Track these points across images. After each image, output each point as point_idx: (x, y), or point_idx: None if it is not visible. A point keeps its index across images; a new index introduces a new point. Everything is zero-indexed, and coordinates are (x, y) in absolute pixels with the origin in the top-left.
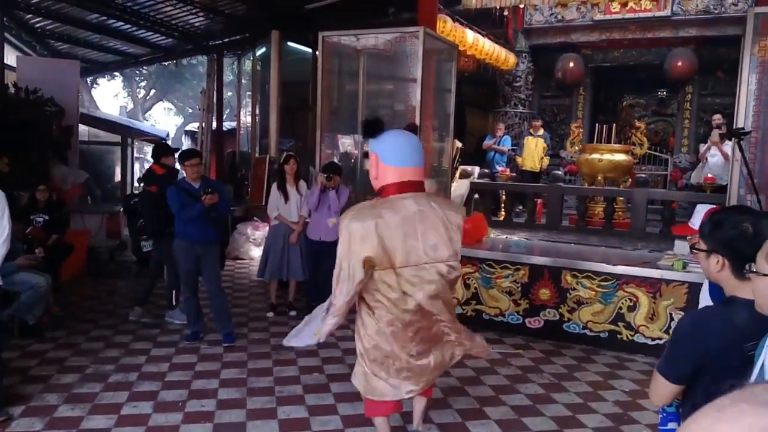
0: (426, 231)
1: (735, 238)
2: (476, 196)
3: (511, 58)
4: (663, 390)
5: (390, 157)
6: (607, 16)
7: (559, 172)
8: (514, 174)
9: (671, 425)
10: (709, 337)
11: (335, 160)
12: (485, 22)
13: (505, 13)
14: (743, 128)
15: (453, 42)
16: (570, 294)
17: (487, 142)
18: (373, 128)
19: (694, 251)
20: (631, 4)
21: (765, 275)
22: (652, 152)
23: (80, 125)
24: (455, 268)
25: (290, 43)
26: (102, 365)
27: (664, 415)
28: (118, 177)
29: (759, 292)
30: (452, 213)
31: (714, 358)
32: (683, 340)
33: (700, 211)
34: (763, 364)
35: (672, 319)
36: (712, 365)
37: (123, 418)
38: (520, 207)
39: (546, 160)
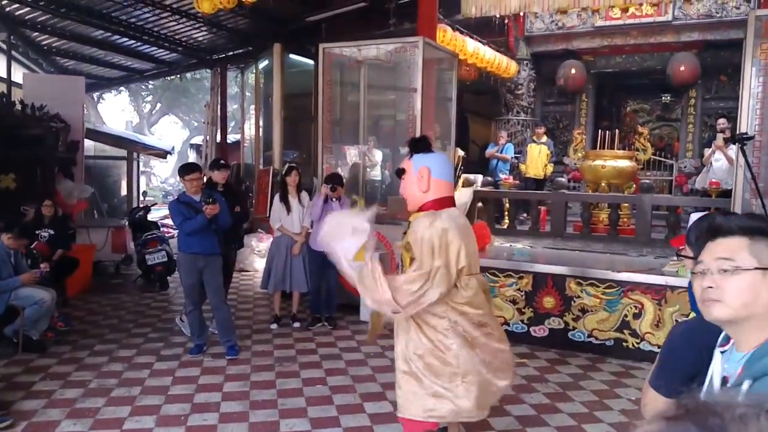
0: (471, 242)
1: None
2: (479, 204)
3: (513, 66)
4: (655, 404)
5: (441, 172)
6: (608, 22)
7: (563, 179)
8: (518, 182)
9: None
10: (702, 349)
11: (339, 170)
12: (486, 30)
13: (506, 21)
14: (746, 133)
15: (453, 51)
16: (575, 302)
17: (490, 150)
18: (420, 144)
19: (680, 257)
20: (632, 9)
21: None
22: (657, 157)
23: (86, 140)
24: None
25: (292, 56)
26: (105, 380)
27: None
28: (124, 191)
29: (742, 289)
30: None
31: (705, 369)
32: (674, 352)
33: (695, 219)
34: (712, 376)
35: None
36: (704, 377)
37: None
38: (525, 215)
39: (549, 167)
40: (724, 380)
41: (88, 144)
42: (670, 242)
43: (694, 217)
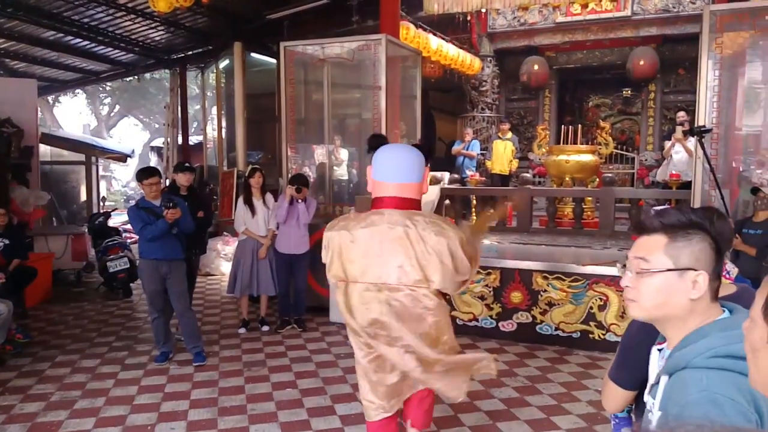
0: (393, 250)
1: None
2: (447, 201)
3: (477, 63)
4: (616, 397)
5: (377, 171)
6: (569, 18)
7: (528, 175)
8: (484, 178)
9: (624, 431)
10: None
11: (305, 170)
12: (449, 27)
13: (468, 18)
14: (704, 126)
15: (416, 48)
16: (541, 296)
17: (456, 147)
18: (373, 142)
19: None
20: (592, 5)
21: (668, 271)
22: (619, 151)
23: (42, 145)
24: (424, 295)
25: (254, 55)
26: (68, 392)
27: (617, 421)
28: (83, 197)
29: (654, 290)
30: (432, 235)
31: None
32: (634, 345)
33: None
34: (654, 403)
35: None
36: None
37: None
38: (491, 211)
39: (515, 163)
40: (658, 377)
41: (44, 149)
42: (632, 237)
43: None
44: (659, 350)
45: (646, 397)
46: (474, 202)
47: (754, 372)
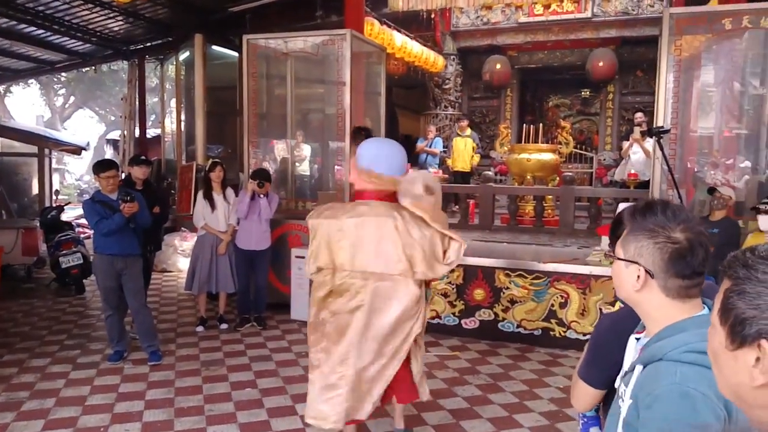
0: (380, 240)
1: None
2: None
3: (440, 61)
4: (586, 396)
5: (364, 162)
6: (531, 19)
7: (490, 173)
8: (447, 176)
9: (593, 430)
10: (625, 339)
11: (266, 165)
12: (413, 24)
13: (433, 16)
14: (662, 127)
15: (381, 45)
16: (504, 293)
17: (419, 145)
18: (357, 134)
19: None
20: (554, 6)
21: (619, 260)
22: (578, 151)
23: None
24: (406, 285)
25: (215, 47)
26: (15, 393)
27: (585, 420)
28: (35, 190)
29: (614, 276)
30: (416, 229)
31: None
32: (603, 344)
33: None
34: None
35: (602, 314)
36: None
37: None
38: (455, 207)
39: (476, 158)
40: (633, 366)
41: None
42: (597, 230)
43: (623, 207)
44: (637, 339)
45: (618, 383)
46: None
47: (718, 377)
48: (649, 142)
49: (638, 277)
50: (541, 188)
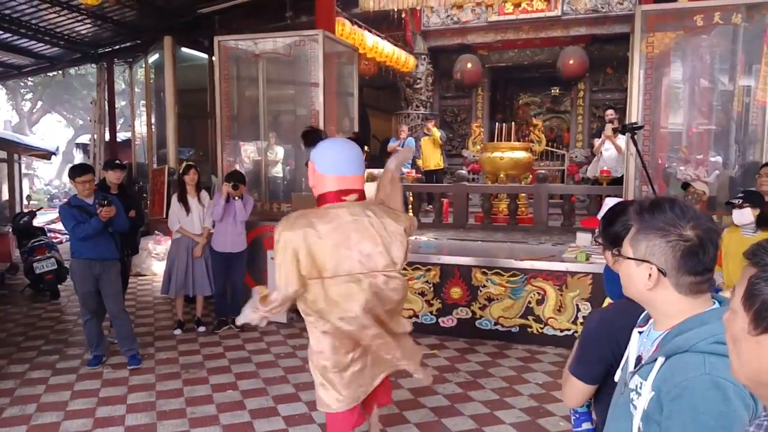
0: (361, 240)
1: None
2: None
3: (411, 61)
4: (578, 392)
5: (324, 166)
6: (501, 17)
7: (463, 171)
8: (420, 175)
9: (585, 425)
10: (618, 335)
11: (237, 167)
12: (383, 24)
13: (403, 15)
14: (636, 123)
15: (353, 45)
16: (481, 291)
17: (392, 145)
18: (308, 137)
19: (597, 243)
20: (524, 4)
21: (630, 259)
22: (549, 148)
23: None
24: (394, 277)
25: (184, 49)
26: None
27: (577, 416)
28: (5, 195)
29: (622, 274)
30: (391, 221)
31: (623, 354)
32: (594, 340)
33: (609, 204)
34: (627, 358)
35: (579, 309)
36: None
37: None
38: (429, 206)
39: (441, 145)
40: (639, 359)
41: None
42: (581, 222)
43: (610, 201)
44: (640, 332)
45: (622, 377)
46: (410, 198)
47: (735, 362)
48: (621, 139)
49: (650, 275)
50: (515, 186)
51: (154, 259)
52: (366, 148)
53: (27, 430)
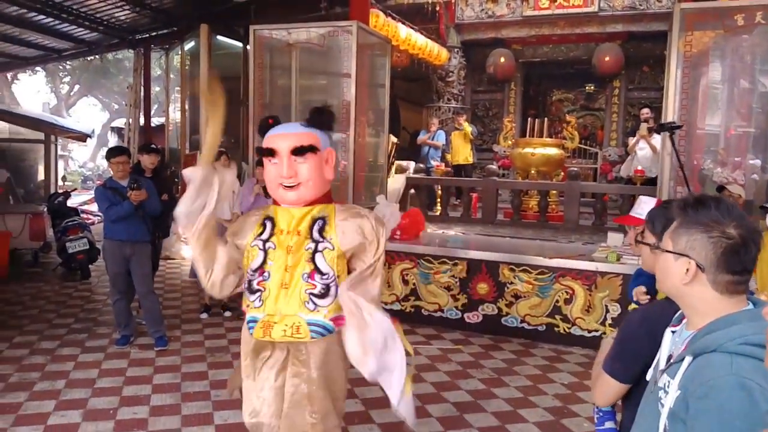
0: None
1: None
2: (412, 191)
3: (444, 54)
4: (611, 391)
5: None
6: (537, 12)
7: (494, 166)
8: (449, 168)
9: (608, 424)
10: (660, 335)
11: None
12: (417, 17)
13: (437, 8)
14: (674, 122)
15: (386, 37)
16: (508, 288)
17: (422, 137)
18: (322, 117)
19: (639, 243)
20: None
21: (669, 252)
22: (582, 146)
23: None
24: None
25: (220, 37)
26: (27, 373)
27: (600, 414)
28: (41, 176)
29: (659, 268)
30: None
31: None
32: (633, 338)
33: (646, 202)
34: (659, 357)
35: (608, 310)
36: None
37: (50, 428)
38: (458, 200)
39: (471, 140)
40: (669, 357)
41: (2, 126)
42: (615, 220)
43: (645, 199)
44: (673, 332)
45: (653, 376)
46: (439, 191)
47: None
48: (656, 139)
49: (687, 270)
50: (546, 183)
51: (183, 243)
52: (395, 139)
53: (56, 405)
